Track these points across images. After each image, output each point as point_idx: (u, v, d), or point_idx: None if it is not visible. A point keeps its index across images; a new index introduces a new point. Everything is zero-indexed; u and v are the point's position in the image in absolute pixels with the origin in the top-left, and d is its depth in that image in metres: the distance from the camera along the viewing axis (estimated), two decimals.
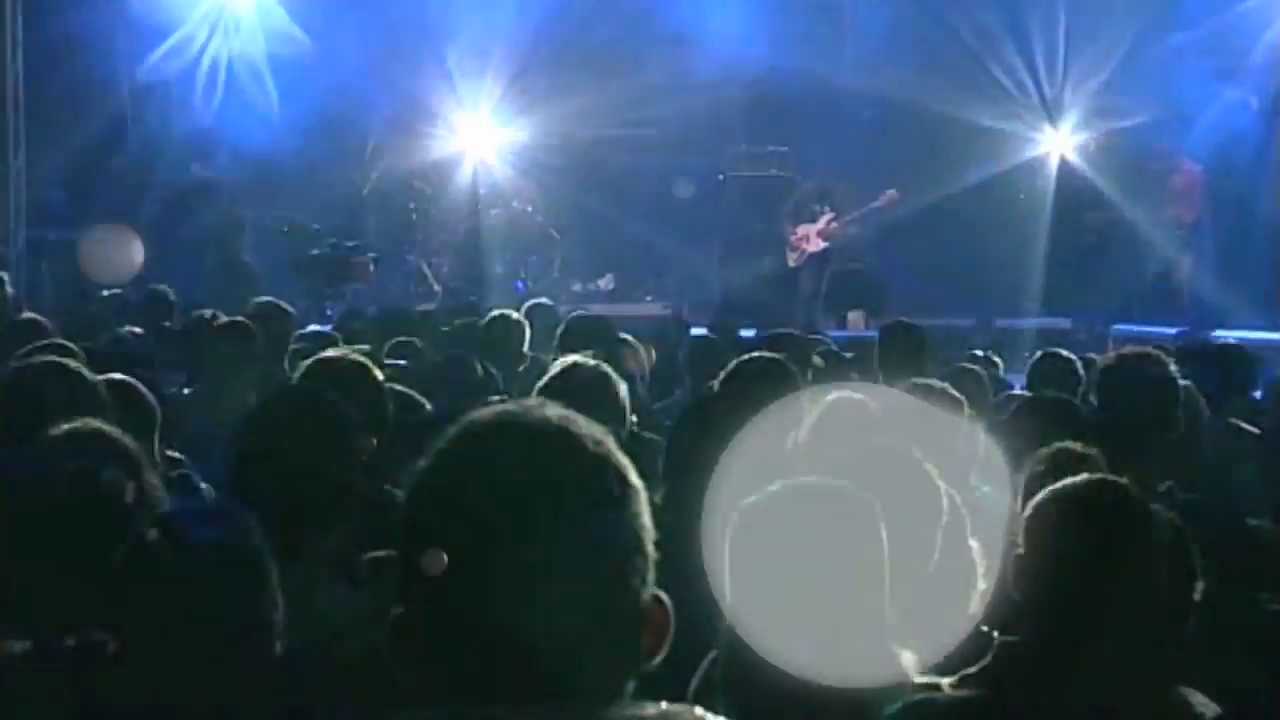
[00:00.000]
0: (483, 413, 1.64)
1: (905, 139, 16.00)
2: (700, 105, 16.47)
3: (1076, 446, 4.08)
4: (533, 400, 1.66)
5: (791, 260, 15.45)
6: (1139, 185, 15.51)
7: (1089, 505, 2.97)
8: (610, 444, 1.62)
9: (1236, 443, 5.70)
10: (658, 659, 1.60)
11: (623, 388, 4.58)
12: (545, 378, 4.61)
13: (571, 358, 4.68)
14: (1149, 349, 4.96)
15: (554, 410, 1.63)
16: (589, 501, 1.58)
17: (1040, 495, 3.06)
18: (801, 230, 15.43)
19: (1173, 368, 4.77)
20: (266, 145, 15.28)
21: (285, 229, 15.55)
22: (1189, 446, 5.09)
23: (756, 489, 2.90)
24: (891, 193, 15.04)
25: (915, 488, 3.39)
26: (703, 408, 4.01)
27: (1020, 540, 3.03)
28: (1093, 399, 4.90)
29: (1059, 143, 16.30)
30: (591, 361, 4.64)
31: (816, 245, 15.36)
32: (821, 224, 15.41)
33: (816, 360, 7.08)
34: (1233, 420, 6.17)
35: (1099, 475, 3.09)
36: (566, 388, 4.35)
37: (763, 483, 2.90)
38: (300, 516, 2.87)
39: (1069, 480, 3.06)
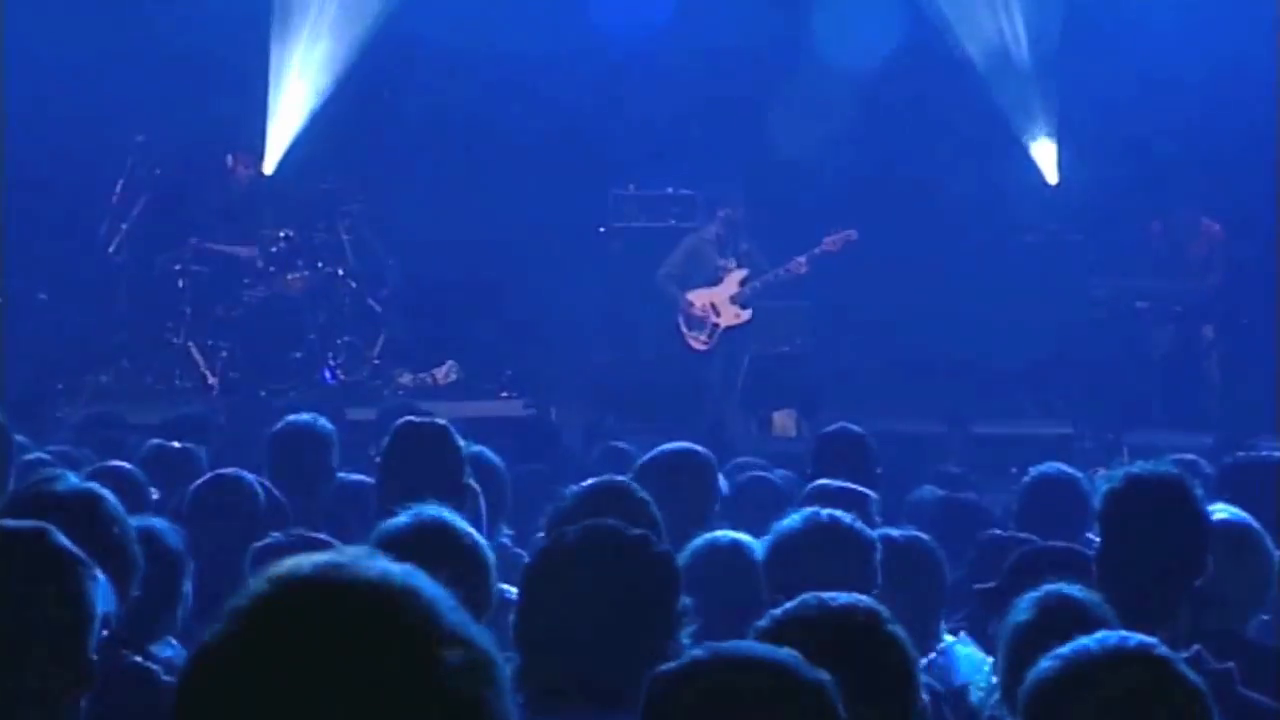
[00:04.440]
0: (291, 570, 1.63)
1: (849, 174, 16.19)
2: (572, 132, 16.55)
3: (1075, 591, 4.10)
4: (359, 554, 1.65)
5: (696, 341, 15.40)
6: (1159, 244, 15.84)
7: (1114, 685, 2.97)
8: (463, 628, 1.63)
9: None
10: None
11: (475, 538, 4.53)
12: (392, 524, 4.52)
13: (426, 516, 4.58)
14: (1170, 467, 5.01)
15: (387, 570, 1.63)
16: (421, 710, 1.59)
17: (1043, 668, 3.03)
18: (701, 298, 15.37)
19: (1199, 491, 4.82)
20: None
21: None
22: (1230, 597, 5.12)
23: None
24: (849, 232, 15.05)
25: (881, 661, 3.36)
26: (553, 557, 3.99)
27: None
28: (1093, 535, 4.93)
29: (1053, 184, 16.63)
30: (435, 513, 4.57)
31: (732, 316, 15.36)
32: (731, 286, 15.40)
33: (723, 483, 7.06)
34: None
35: (1122, 638, 3.08)
36: (417, 538, 4.31)
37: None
38: None
39: (1081, 646, 3.05)
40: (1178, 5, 15.66)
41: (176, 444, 8.16)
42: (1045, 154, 16.71)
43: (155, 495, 6.84)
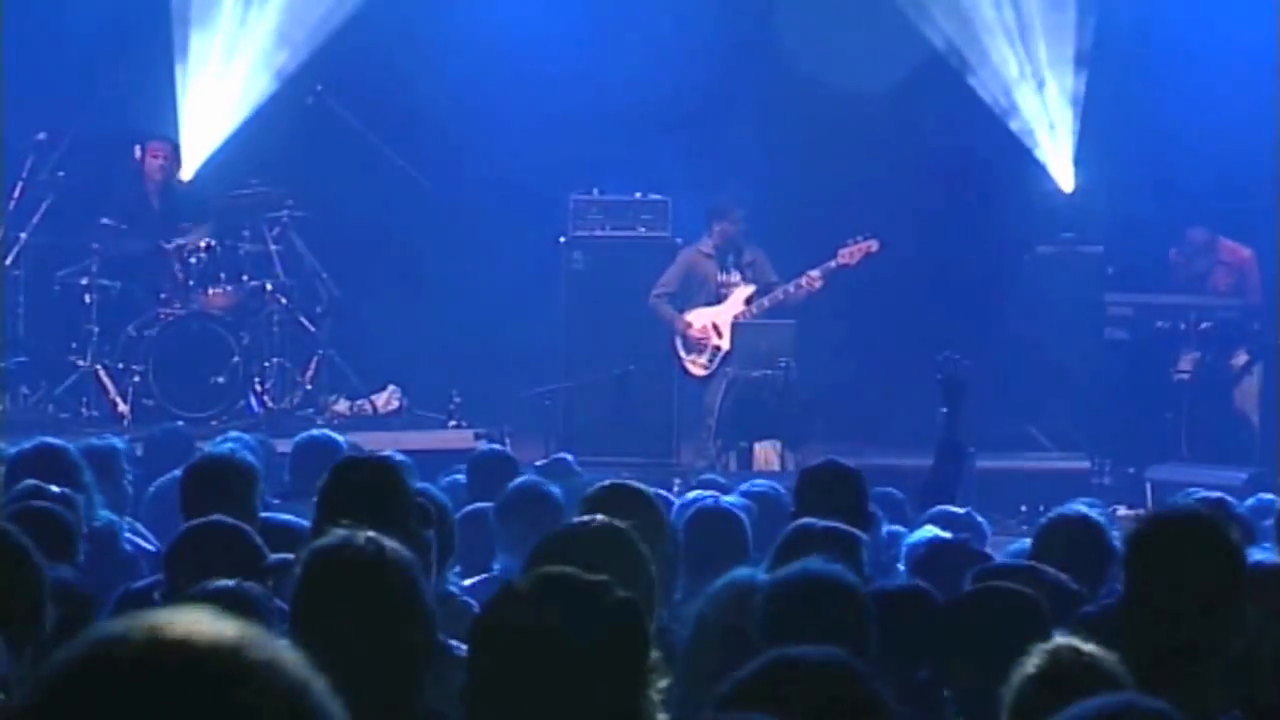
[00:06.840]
0: (109, 635, 1.60)
1: (851, 182, 16.22)
2: (528, 128, 16.57)
3: (1086, 647, 4.12)
4: (196, 617, 1.61)
5: (695, 366, 15.46)
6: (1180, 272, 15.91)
7: None
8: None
9: None
10: None
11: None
12: (306, 561, 4.51)
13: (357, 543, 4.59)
14: (1200, 506, 5.01)
15: (220, 635, 1.59)
16: None
17: None
18: (700, 318, 15.43)
19: (1235, 535, 4.80)
20: None
21: None
22: (1264, 651, 5.14)
23: None
24: (869, 243, 15.06)
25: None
26: (504, 607, 3.98)
27: None
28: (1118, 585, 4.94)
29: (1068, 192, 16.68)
30: (385, 547, 4.56)
31: (729, 340, 15.42)
32: (736, 304, 15.43)
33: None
34: None
35: (1128, 702, 3.10)
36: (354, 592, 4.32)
37: None
38: None
39: (1080, 710, 3.07)
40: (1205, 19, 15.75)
41: (54, 488, 7.93)
42: (1060, 158, 16.75)
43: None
